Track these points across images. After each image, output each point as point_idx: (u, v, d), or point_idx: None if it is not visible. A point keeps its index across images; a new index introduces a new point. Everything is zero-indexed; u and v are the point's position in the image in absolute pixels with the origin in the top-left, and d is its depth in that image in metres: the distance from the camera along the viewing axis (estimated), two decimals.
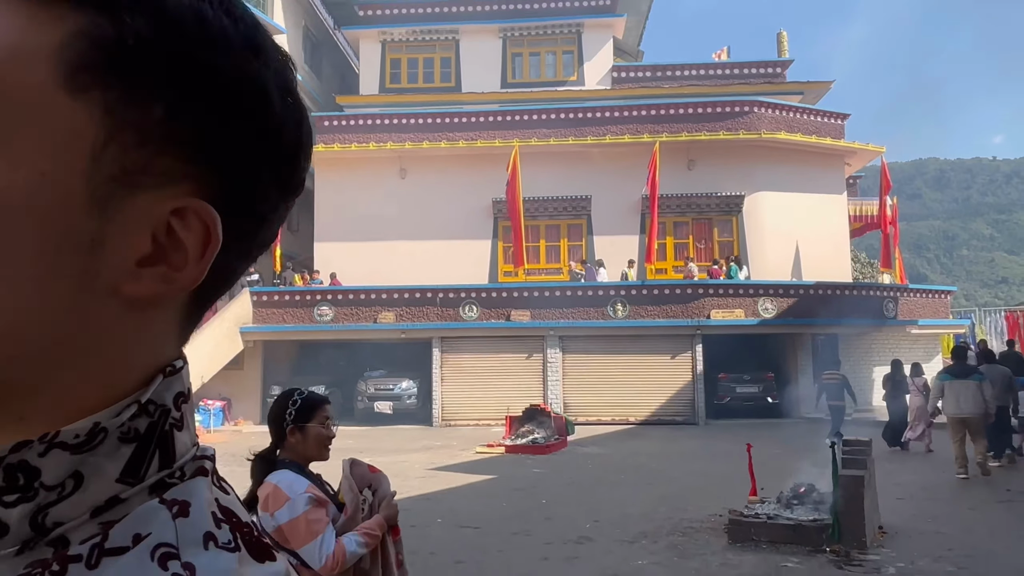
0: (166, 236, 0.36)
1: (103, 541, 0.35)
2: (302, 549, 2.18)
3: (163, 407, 0.39)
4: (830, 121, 19.10)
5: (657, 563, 5.84)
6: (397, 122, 19.48)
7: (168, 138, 0.36)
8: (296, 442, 2.37)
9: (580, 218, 19.02)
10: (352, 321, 17.63)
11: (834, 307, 16.76)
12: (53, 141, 0.33)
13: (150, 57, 0.35)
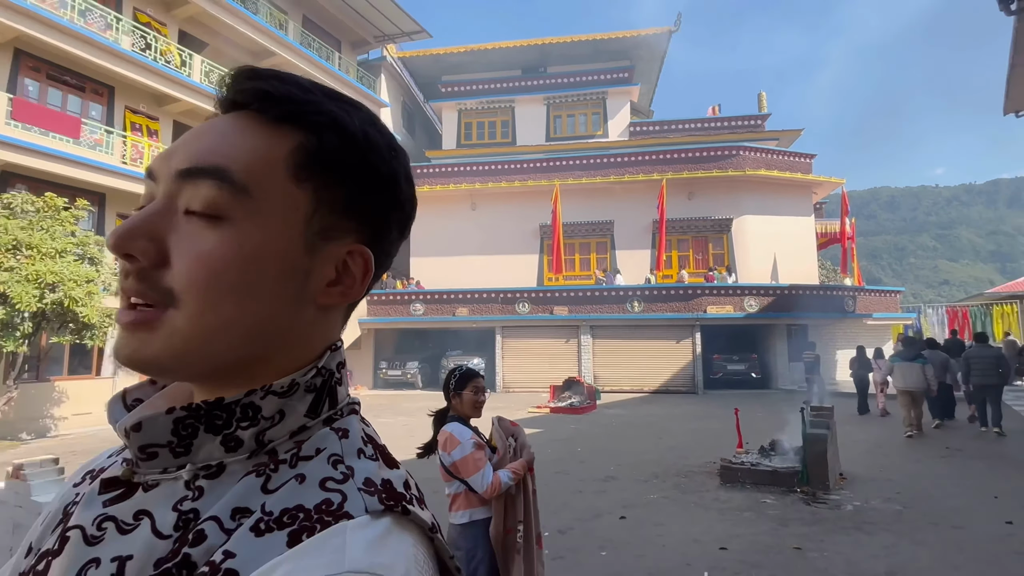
0: (343, 268, 0.45)
1: (298, 451, 0.42)
2: (470, 478, 2.27)
3: (330, 371, 0.46)
4: (800, 160, 18.48)
5: (665, 497, 5.78)
6: (469, 168, 19.71)
7: (347, 208, 0.45)
8: (457, 404, 2.46)
9: (605, 237, 18.87)
10: (437, 314, 17.93)
11: (804, 303, 16.23)
12: (285, 212, 0.42)
13: (339, 161, 0.44)
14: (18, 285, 8.25)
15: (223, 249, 0.38)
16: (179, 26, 14.69)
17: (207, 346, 0.39)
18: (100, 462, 0.50)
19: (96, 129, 12.27)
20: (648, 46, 21.47)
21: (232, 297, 0.39)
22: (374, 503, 0.38)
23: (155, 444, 0.40)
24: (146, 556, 0.37)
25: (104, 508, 0.40)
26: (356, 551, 0.33)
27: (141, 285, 0.38)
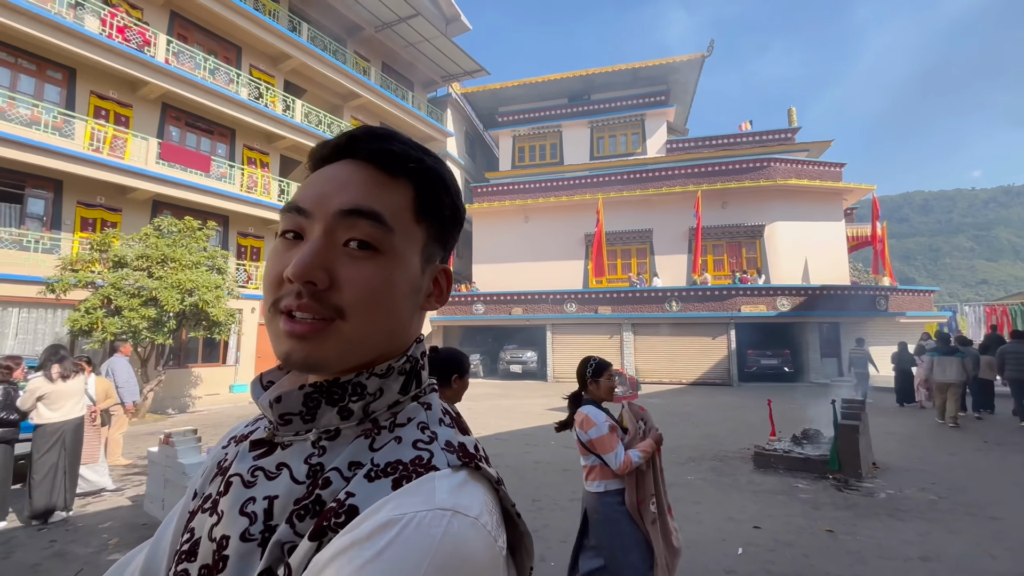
0: (436, 283, 0.53)
1: (394, 420, 0.47)
2: (605, 456, 2.27)
3: (416, 358, 0.51)
4: (829, 169, 17.23)
5: (702, 479, 5.56)
6: (522, 187, 19.81)
7: (440, 238, 0.53)
8: (594, 389, 2.48)
9: (645, 244, 18.40)
10: (495, 313, 18.10)
11: (835, 302, 15.15)
12: (413, 245, 0.49)
13: (440, 203, 0.52)
14: (165, 291, 9.05)
15: (380, 275, 0.45)
16: (284, 77, 15.68)
17: (363, 348, 0.46)
18: (239, 430, 0.57)
19: (222, 164, 13.30)
20: (682, 71, 20.80)
21: (383, 310, 0.46)
22: (454, 459, 0.43)
23: (290, 413, 0.46)
24: (287, 496, 0.43)
25: (254, 461, 0.47)
26: (443, 493, 0.39)
27: (317, 304, 0.44)
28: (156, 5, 12.36)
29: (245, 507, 0.44)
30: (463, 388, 2.05)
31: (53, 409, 4.46)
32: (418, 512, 0.36)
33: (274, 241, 0.49)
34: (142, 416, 9.82)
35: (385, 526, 0.35)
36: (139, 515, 4.60)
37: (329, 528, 0.38)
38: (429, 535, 0.35)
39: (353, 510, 0.38)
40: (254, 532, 0.43)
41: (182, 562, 0.46)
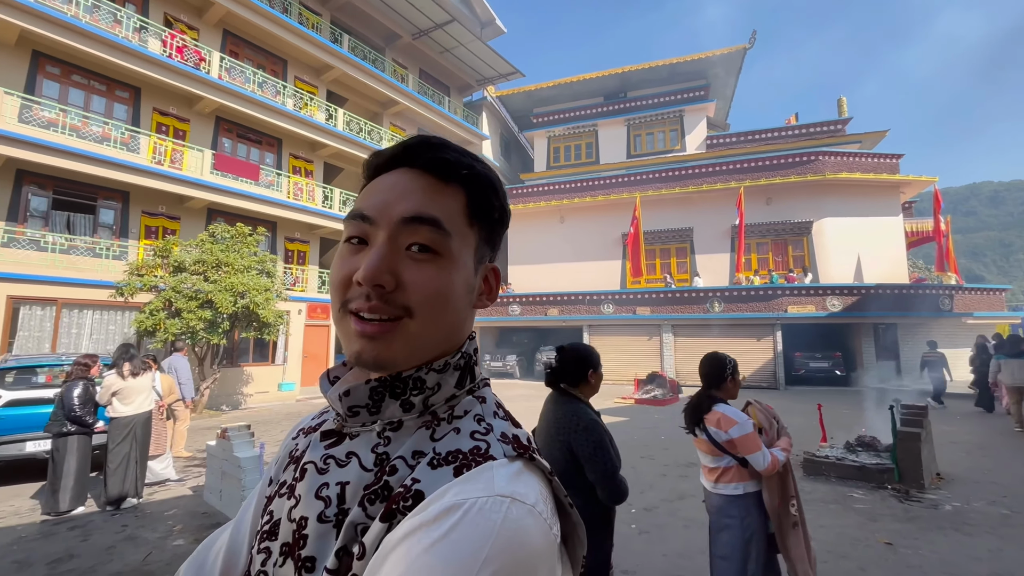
0: (486, 281, 0.56)
1: (452, 412, 0.51)
2: (750, 456, 2.14)
3: (469, 354, 0.54)
4: (885, 161, 16.20)
5: None
6: (558, 187, 19.72)
7: (490, 239, 0.56)
8: (732, 387, 2.37)
9: (685, 243, 17.92)
10: (531, 314, 18.11)
11: (892, 302, 14.27)
12: (468, 248, 0.53)
13: (489, 207, 0.55)
14: (220, 294, 9.58)
15: (442, 276, 0.49)
16: (327, 87, 16.28)
17: (426, 345, 0.49)
18: (306, 423, 0.62)
19: (270, 172, 13.95)
20: (722, 65, 20.16)
21: (445, 309, 0.49)
22: (509, 450, 0.46)
23: (358, 405, 0.50)
24: (358, 482, 0.47)
25: (326, 450, 0.51)
26: (501, 481, 0.41)
27: (386, 304, 0.47)
28: (210, 24, 13.12)
29: (320, 491, 0.48)
30: (599, 381, 2.08)
31: (125, 404, 4.82)
32: (479, 498, 0.39)
33: (339, 246, 0.53)
34: (199, 412, 10.42)
35: (450, 510, 0.38)
36: (199, 504, 4.90)
37: (398, 511, 0.41)
38: (490, 519, 0.38)
39: (419, 495, 0.41)
40: (329, 514, 0.47)
41: (264, 540, 0.51)
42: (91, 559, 3.68)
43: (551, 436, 1.93)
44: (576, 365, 1.97)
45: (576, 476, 1.84)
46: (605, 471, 1.80)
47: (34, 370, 6.18)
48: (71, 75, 10.79)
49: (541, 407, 2.12)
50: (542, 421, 2.06)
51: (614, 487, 1.80)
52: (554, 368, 2.03)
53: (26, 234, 9.87)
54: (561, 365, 2.02)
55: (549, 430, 1.96)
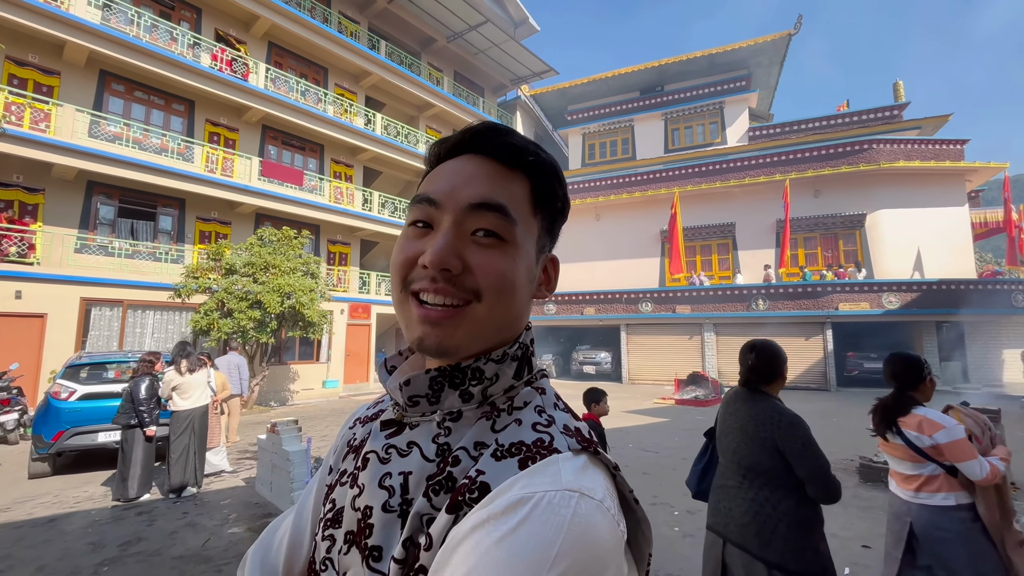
0: (545, 272, 0.55)
1: (511, 403, 0.50)
2: (963, 464, 1.94)
3: (526, 345, 0.53)
4: (947, 147, 15.07)
5: None
6: (593, 184, 19.51)
7: (551, 228, 0.55)
8: (929, 389, 2.17)
9: (727, 239, 17.33)
10: (568, 313, 18.00)
11: (957, 299, 13.29)
12: (531, 235, 0.52)
13: (552, 195, 0.54)
14: (268, 295, 10.03)
15: (507, 261, 0.48)
16: (365, 93, 16.73)
17: (489, 331, 0.49)
18: (362, 413, 0.63)
19: (313, 177, 14.48)
20: (765, 53, 19.37)
21: (509, 295, 0.48)
22: (573, 443, 0.45)
23: (418, 395, 0.50)
24: (420, 472, 0.47)
25: (386, 440, 0.51)
26: (568, 475, 0.40)
27: (455, 288, 0.47)
28: (257, 37, 13.74)
29: (383, 481, 0.48)
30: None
31: (184, 398, 5.12)
32: (547, 491, 0.38)
33: (404, 229, 0.53)
34: (250, 407, 10.94)
35: (519, 503, 0.38)
36: (252, 495, 5.14)
37: (464, 503, 0.41)
38: (560, 514, 0.37)
39: (485, 487, 0.41)
40: (393, 504, 0.47)
41: (328, 528, 0.52)
42: (156, 543, 3.93)
43: (748, 435, 1.88)
44: (773, 362, 1.93)
45: (786, 475, 1.79)
46: (818, 467, 1.74)
47: (104, 366, 6.65)
48: (134, 91, 11.55)
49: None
50: (729, 420, 1.99)
51: (827, 483, 1.74)
52: (752, 366, 1.97)
53: (96, 240, 10.65)
54: (759, 363, 1.96)
55: (745, 429, 1.90)
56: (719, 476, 2.03)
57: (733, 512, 1.87)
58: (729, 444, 1.97)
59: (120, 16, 11.01)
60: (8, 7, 9.13)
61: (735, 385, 2.16)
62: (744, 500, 1.85)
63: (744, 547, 1.79)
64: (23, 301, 9.34)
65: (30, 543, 3.92)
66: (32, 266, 9.51)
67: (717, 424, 2.12)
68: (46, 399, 5.94)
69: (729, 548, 1.86)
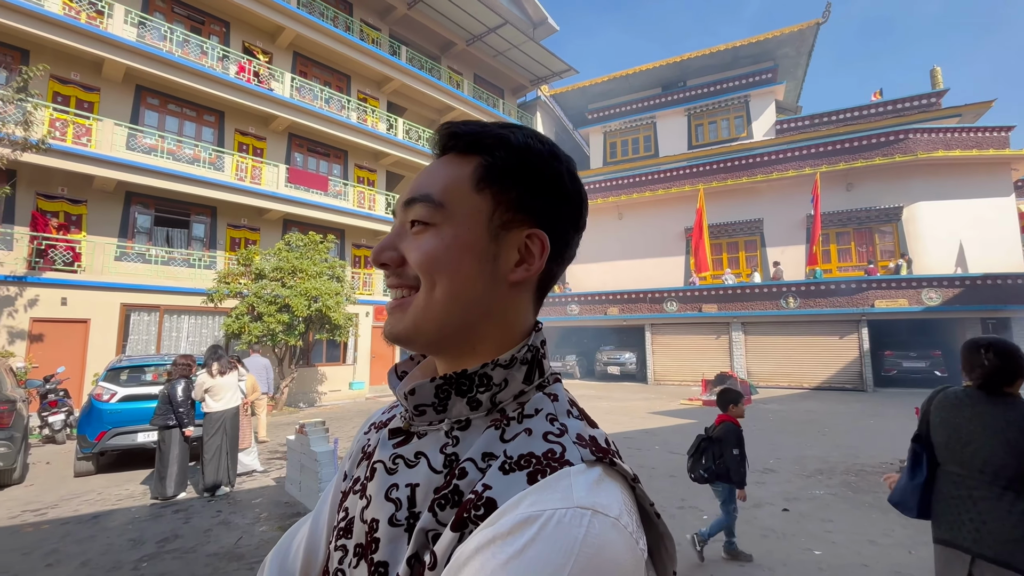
0: (525, 250, 0.50)
1: (522, 411, 0.47)
2: None
3: (536, 347, 0.50)
4: (991, 135, 14.31)
5: (832, 494, 4.96)
6: (615, 183, 19.30)
7: (519, 204, 0.50)
8: None
9: (754, 235, 16.89)
10: (590, 313, 17.85)
11: (1005, 293, 12.61)
12: (471, 214, 0.49)
13: (508, 169, 0.50)
14: (295, 298, 10.27)
15: (432, 243, 0.47)
16: (387, 98, 16.98)
17: (440, 311, 0.47)
18: (377, 417, 0.62)
19: (337, 183, 14.77)
20: (792, 43, 18.82)
21: (444, 276, 0.47)
22: (587, 454, 0.42)
23: (424, 404, 0.48)
24: (427, 484, 0.46)
25: (394, 449, 0.50)
26: (580, 491, 0.38)
27: (397, 279, 0.50)
28: (282, 48, 14.11)
29: (390, 493, 0.47)
30: None
31: (216, 400, 5.28)
32: (557, 509, 0.36)
33: None
34: (280, 408, 11.22)
35: (526, 522, 0.36)
36: (281, 494, 5.26)
37: (470, 520, 0.39)
38: (570, 535, 0.35)
39: (491, 503, 0.39)
40: (400, 518, 0.45)
41: (340, 538, 0.51)
42: (192, 540, 4.05)
43: (1010, 443, 1.70)
44: (1016, 360, 1.77)
45: None
46: None
47: (142, 369, 6.92)
48: (167, 104, 12.01)
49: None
50: (969, 426, 1.81)
51: None
52: (993, 366, 1.79)
53: (134, 248, 11.11)
54: (1001, 362, 1.79)
55: (1002, 434, 1.72)
56: (951, 486, 1.85)
57: (988, 526, 1.72)
58: (977, 452, 1.78)
59: (154, 32, 11.46)
60: (53, 28, 9.63)
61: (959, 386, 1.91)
62: (1010, 513, 1.68)
63: (1010, 564, 1.66)
64: (68, 307, 9.81)
65: (76, 538, 4.10)
66: (76, 274, 9.98)
67: (937, 429, 1.92)
68: (89, 401, 6.21)
69: (981, 564, 1.73)
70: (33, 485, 5.68)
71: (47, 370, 8.82)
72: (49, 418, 7.95)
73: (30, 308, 9.39)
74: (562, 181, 0.51)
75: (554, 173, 0.50)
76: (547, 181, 0.50)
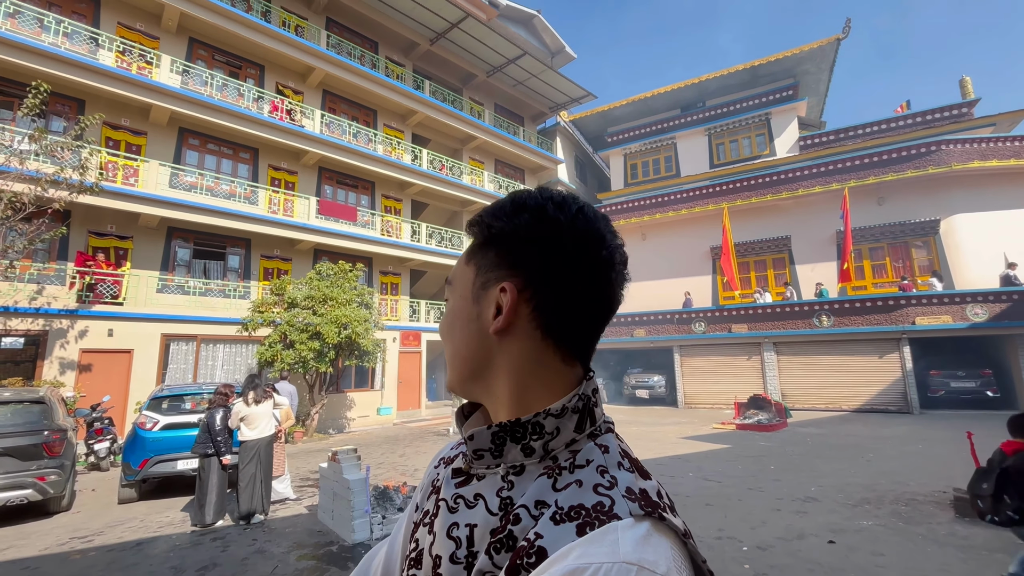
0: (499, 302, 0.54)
1: (573, 460, 0.49)
2: None
3: (587, 396, 0.52)
4: None
5: (881, 525, 4.70)
6: (637, 204, 19.29)
7: (496, 264, 0.55)
8: None
9: (782, 253, 16.53)
10: (616, 335, 17.63)
11: None
12: (463, 284, 0.58)
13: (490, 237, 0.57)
14: (326, 326, 10.52)
15: (445, 314, 0.60)
16: (411, 131, 17.57)
17: (454, 371, 0.57)
18: (446, 452, 0.65)
19: (365, 213, 15.23)
20: (813, 60, 18.72)
21: (448, 339, 0.58)
22: (636, 508, 0.43)
23: (482, 449, 0.52)
24: (485, 526, 0.49)
25: (456, 489, 0.54)
26: (627, 546, 0.39)
27: None
28: (312, 87, 14.85)
29: (451, 531, 0.50)
30: None
31: (251, 428, 5.41)
32: (603, 564, 0.37)
33: None
34: (311, 435, 11.37)
35: (572, 574, 0.38)
36: (315, 523, 5.30)
37: (522, 567, 0.41)
38: None
39: (542, 552, 0.41)
40: (460, 556, 0.48)
41: (411, 567, 0.55)
42: (230, 568, 4.12)
43: None
44: None
45: None
46: None
47: (182, 398, 7.17)
48: (207, 144, 12.73)
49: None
50: None
51: None
52: None
53: (174, 281, 11.64)
54: None
55: None
56: None
57: None
58: None
59: (196, 79, 12.26)
60: (107, 79, 10.41)
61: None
62: None
63: None
64: (114, 338, 10.29)
65: (120, 566, 4.22)
66: (122, 306, 10.49)
67: None
68: (133, 429, 6.46)
69: None
70: (80, 512, 5.89)
71: (94, 399, 9.22)
72: (95, 446, 8.26)
73: (80, 340, 9.89)
74: (543, 226, 0.52)
75: (534, 235, 0.52)
76: (524, 234, 0.53)
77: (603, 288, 0.52)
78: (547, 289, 0.51)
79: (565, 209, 0.53)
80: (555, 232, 0.52)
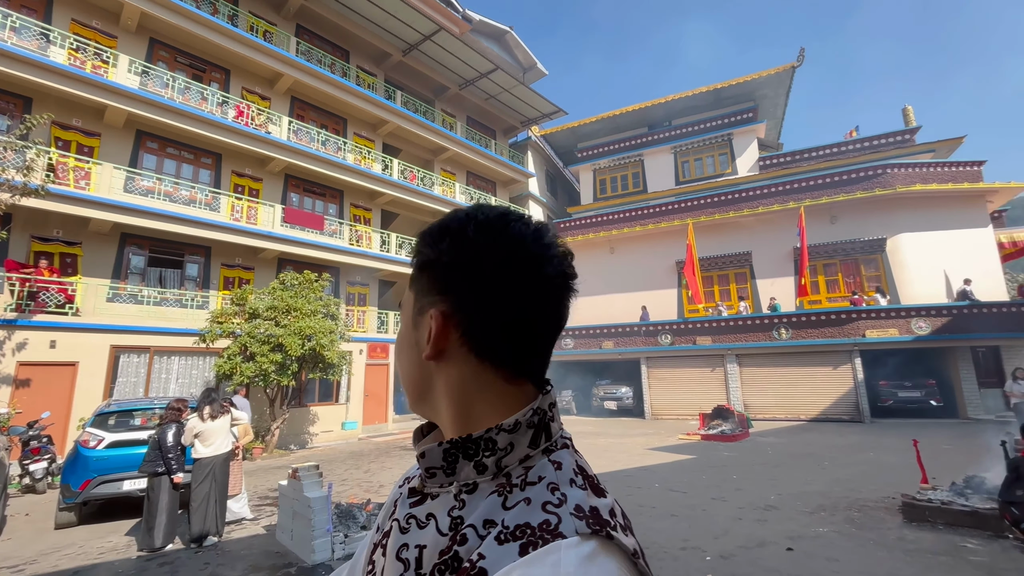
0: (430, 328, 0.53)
1: (525, 477, 0.47)
2: None
3: (544, 410, 0.51)
4: (965, 169, 14.90)
5: (836, 532, 4.88)
6: (606, 218, 19.69)
7: (429, 289, 0.55)
8: None
9: (744, 267, 17.17)
10: (585, 348, 17.82)
11: (993, 322, 12.81)
12: (406, 310, 0.58)
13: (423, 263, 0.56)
14: (289, 337, 10.19)
15: (398, 334, 0.60)
16: (382, 140, 17.42)
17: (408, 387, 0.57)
18: (412, 472, 0.63)
19: (333, 222, 14.94)
20: (770, 85, 19.74)
21: (398, 360, 0.59)
22: (583, 527, 0.41)
23: (434, 467, 0.50)
24: (434, 547, 0.47)
25: (410, 508, 0.53)
26: (569, 567, 0.37)
27: None
28: (280, 93, 14.56)
29: (400, 553, 0.48)
30: None
31: (206, 445, 5.16)
32: None
33: None
34: (270, 451, 10.92)
35: None
36: (272, 543, 5.07)
37: None
38: None
39: (483, 573, 0.40)
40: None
41: None
42: None
43: None
44: None
45: None
46: None
47: (131, 413, 6.78)
48: (166, 148, 12.25)
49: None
50: None
51: None
52: None
53: (126, 289, 11.05)
54: None
55: None
56: None
57: None
58: None
59: (156, 80, 11.82)
60: (57, 77, 9.90)
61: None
62: None
63: None
64: (56, 350, 9.66)
65: None
66: (67, 316, 9.88)
67: None
68: (75, 448, 6.04)
69: None
70: (11, 539, 5.45)
71: (31, 415, 8.59)
72: (31, 466, 7.69)
73: (18, 352, 9.23)
74: (464, 251, 0.51)
75: (453, 247, 0.52)
76: (448, 260, 0.52)
77: (537, 306, 0.51)
78: (475, 313, 0.50)
79: (488, 231, 0.51)
80: (475, 256, 0.50)
